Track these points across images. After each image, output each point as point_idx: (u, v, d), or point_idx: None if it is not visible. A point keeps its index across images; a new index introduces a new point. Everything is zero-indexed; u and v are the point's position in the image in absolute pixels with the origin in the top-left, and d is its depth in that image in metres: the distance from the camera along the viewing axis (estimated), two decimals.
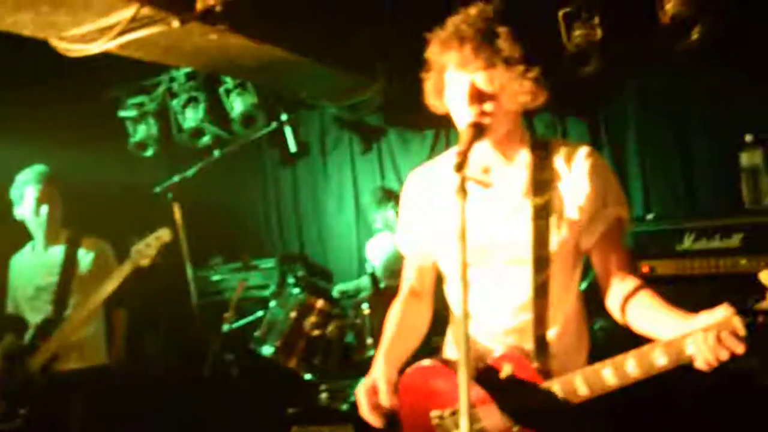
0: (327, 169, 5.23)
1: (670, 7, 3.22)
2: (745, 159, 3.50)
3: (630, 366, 1.61)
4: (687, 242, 3.34)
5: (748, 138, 3.49)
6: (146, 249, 3.24)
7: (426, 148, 4.77)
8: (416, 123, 4.59)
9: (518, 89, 1.74)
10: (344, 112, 4.72)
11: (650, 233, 3.49)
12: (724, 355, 1.46)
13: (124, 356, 3.59)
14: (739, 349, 1.45)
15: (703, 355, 1.48)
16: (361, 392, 1.88)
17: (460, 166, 1.57)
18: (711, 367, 1.49)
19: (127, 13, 2.54)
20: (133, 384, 3.79)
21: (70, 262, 3.42)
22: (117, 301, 3.41)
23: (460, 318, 1.50)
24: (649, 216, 3.72)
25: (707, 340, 1.47)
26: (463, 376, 1.43)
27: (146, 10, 2.54)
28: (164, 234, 3.29)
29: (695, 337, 1.50)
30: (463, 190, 1.54)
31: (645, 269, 3.44)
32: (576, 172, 1.83)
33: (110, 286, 3.24)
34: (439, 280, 2.10)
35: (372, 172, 5.04)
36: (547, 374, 1.80)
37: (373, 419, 1.85)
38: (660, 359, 1.56)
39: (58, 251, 3.47)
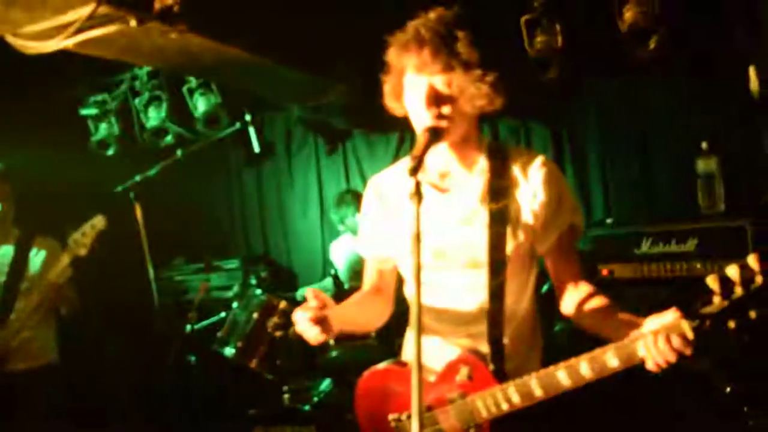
0: (292, 170, 5.22)
1: (628, 16, 3.28)
2: (701, 166, 3.58)
3: (583, 368, 1.64)
4: (645, 246, 3.41)
5: (704, 145, 3.57)
6: (82, 238, 3.23)
7: (391, 150, 4.79)
8: (381, 125, 4.60)
9: (475, 93, 1.75)
10: (309, 114, 4.70)
11: (610, 237, 3.56)
12: (673, 357, 1.50)
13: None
14: (687, 351, 1.49)
15: (653, 357, 1.53)
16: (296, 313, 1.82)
17: (414, 170, 1.58)
18: (660, 369, 1.54)
19: (85, 11, 2.50)
20: (90, 384, 3.73)
21: (20, 262, 3.37)
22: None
23: (415, 319, 1.51)
24: (609, 221, 3.79)
25: (657, 342, 1.51)
26: (415, 378, 1.45)
27: (104, 9, 2.51)
28: (99, 222, 3.28)
29: (646, 339, 1.54)
30: (417, 194, 1.55)
31: (604, 272, 3.50)
32: (531, 180, 1.86)
33: (50, 277, 3.22)
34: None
35: (337, 174, 5.05)
36: (503, 376, 1.82)
37: (308, 326, 1.78)
38: (612, 361, 1.60)
39: (8, 251, 3.41)
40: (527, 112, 4.30)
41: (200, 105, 4.59)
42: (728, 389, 3.09)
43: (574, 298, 1.86)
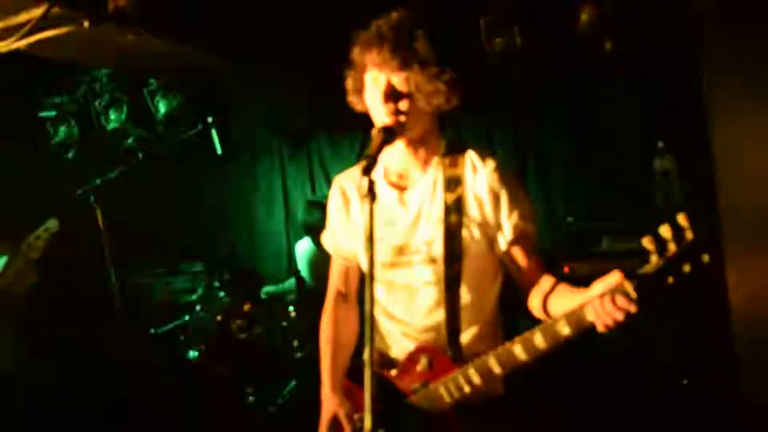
0: (256, 170, 5.20)
1: (584, 18, 3.34)
2: (657, 164, 3.65)
3: (538, 339, 1.70)
4: (604, 244, 3.47)
5: (660, 144, 3.64)
6: (35, 242, 3.24)
7: (356, 150, 4.79)
8: (344, 123, 4.59)
9: (432, 90, 1.79)
10: (272, 113, 4.70)
11: (570, 235, 3.62)
12: (620, 316, 1.56)
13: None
14: (632, 308, 1.55)
15: (601, 318, 1.58)
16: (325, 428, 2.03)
17: (367, 170, 1.61)
18: (609, 329, 1.59)
19: (37, 12, 2.48)
20: (47, 391, 3.67)
21: None
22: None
23: (367, 316, 1.53)
24: (569, 219, 3.84)
25: (604, 304, 1.57)
26: (368, 374, 1.49)
27: (57, 10, 2.48)
28: (52, 225, 3.29)
29: (593, 303, 1.59)
30: (370, 192, 1.58)
31: (565, 270, 3.56)
32: (484, 178, 1.89)
33: (6, 283, 3.21)
34: None
35: (302, 174, 5.04)
36: (462, 362, 1.86)
37: None
38: (564, 329, 1.66)
39: None
40: (489, 113, 4.33)
41: (161, 107, 4.55)
42: (685, 381, 3.18)
43: (538, 292, 1.89)
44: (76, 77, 4.66)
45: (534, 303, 1.90)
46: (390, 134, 1.79)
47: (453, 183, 1.90)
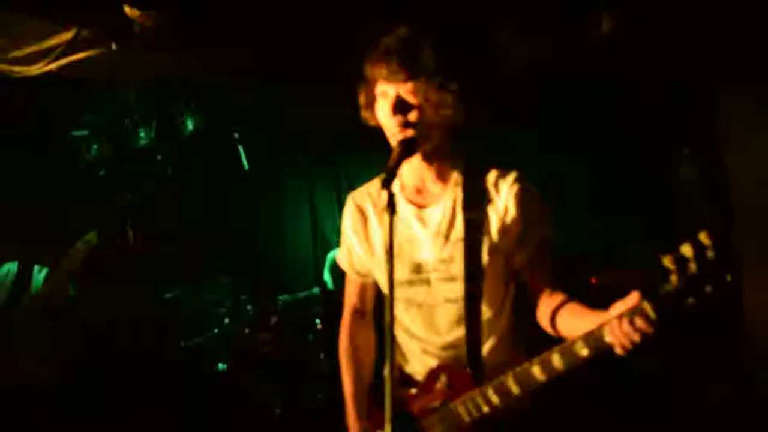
0: (283, 185, 5.26)
1: (607, 23, 3.33)
2: (682, 171, 3.62)
3: (556, 360, 1.69)
4: (630, 252, 3.44)
5: (686, 151, 3.61)
6: (76, 254, 3.33)
7: (382, 164, 4.80)
8: (371, 138, 4.62)
9: (439, 101, 1.82)
10: (299, 129, 4.76)
11: (595, 244, 3.60)
12: (637, 338, 1.54)
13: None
14: (650, 330, 1.53)
15: (619, 340, 1.57)
16: None
17: (387, 183, 1.64)
18: (627, 352, 1.58)
19: (66, 36, 2.57)
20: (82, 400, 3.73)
21: (22, 278, 3.42)
22: None
23: (387, 332, 1.56)
24: (594, 228, 3.82)
25: (622, 326, 1.55)
26: (388, 391, 1.52)
27: (85, 33, 2.57)
28: (92, 238, 3.37)
29: (611, 324, 1.58)
30: (390, 206, 1.60)
31: (593, 281, 3.53)
32: (505, 196, 1.90)
33: (49, 294, 3.32)
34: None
35: (328, 188, 5.07)
36: (482, 381, 1.86)
37: None
38: (583, 350, 1.64)
39: (12, 267, 3.46)
40: (511, 121, 4.32)
41: (189, 123, 4.64)
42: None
43: (549, 306, 1.89)
44: (106, 96, 4.77)
45: (544, 316, 1.90)
46: (409, 147, 1.82)
47: (473, 201, 1.92)
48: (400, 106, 1.82)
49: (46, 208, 4.19)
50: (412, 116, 1.83)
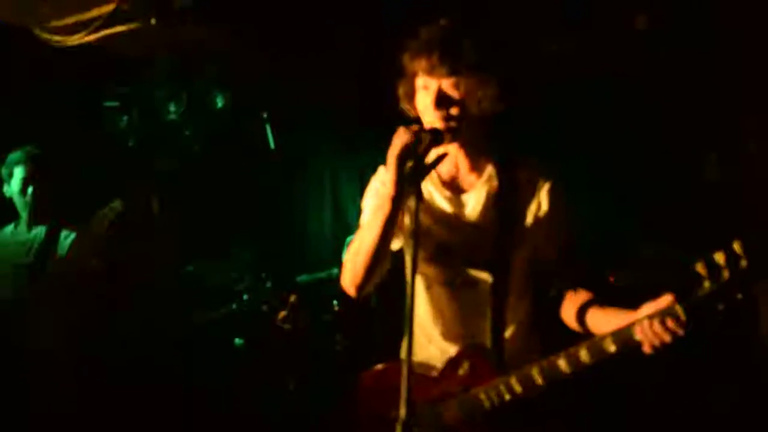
0: (307, 165, 5.28)
1: (641, 20, 3.33)
2: (708, 173, 3.60)
3: (583, 354, 1.73)
4: (647, 253, 3.44)
5: (712, 155, 3.59)
6: (101, 220, 3.33)
7: None
8: (394, 122, 4.63)
9: (482, 95, 1.85)
10: (323, 110, 4.77)
11: (614, 244, 3.59)
12: (668, 338, 1.60)
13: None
14: (680, 332, 1.59)
15: (649, 339, 1.62)
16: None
17: (414, 169, 1.68)
18: (655, 351, 1.63)
19: (107, 8, 2.61)
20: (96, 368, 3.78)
21: (49, 243, 3.48)
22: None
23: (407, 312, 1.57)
24: (616, 228, 3.81)
25: (653, 326, 1.60)
26: (405, 372, 1.52)
27: (125, 6, 2.61)
28: (117, 205, 3.37)
29: (642, 324, 1.63)
30: (417, 192, 1.64)
31: (611, 279, 3.53)
32: (537, 190, 1.95)
33: (75, 259, 3.36)
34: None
35: (351, 170, 5.07)
36: (504, 369, 1.89)
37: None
38: (611, 347, 1.69)
39: (40, 231, 3.52)
40: (542, 115, 4.29)
41: (218, 101, 4.67)
42: None
43: (574, 303, 1.93)
44: (139, 69, 4.82)
45: (569, 313, 1.94)
46: (438, 136, 1.84)
47: (507, 193, 1.95)
48: (443, 100, 1.85)
49: (74, 176, 4.26)
50: (454, 110, 1.86)
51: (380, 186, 2.07)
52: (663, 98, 3.91)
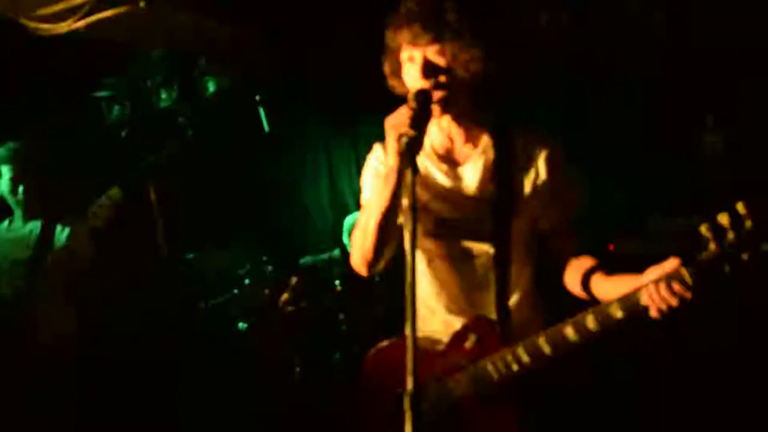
0: (302, 148, 5.26)
1: None
2: (706, 141, 3.58)
3: (590, 321, 1.72)
4: (651, 224, 3.43)
5: (710, 120, 3.56)
6: (100, 210, 3.30)
7: None
8: (389, 102, 4.61)
9: (468, 58, 1.83)
10: (318, 92, 4.74)
11: (616, 214, 3.59)
12: (675, 302, 1.59)
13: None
14: (688, 295, 1.58)
15: (656, 303, 1.61)
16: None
17: (410, 142, 1.66)
18: (663, 315, 1.62)
19: None
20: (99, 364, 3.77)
21: (46, 237, 3.45)
22: None
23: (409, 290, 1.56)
24: (616, 199, 3.80)
25: (659, 289, 1.60)
26: (410, 346, 1.49)
27: None
28: (115, 193, 3.35)
29: (648, 288, 1.62)
30: (412, 163, 1.61)
31: (611, 247, 3.53)
32: (534, 159, 1.94)
33: (72, 252, 3.33)
34: None
35: (346, 151, 5.07)
36: (511, 340, 1.88)
37: None
38: (618, 312, 1.68)
39: (36, 226, 3.49)
40: (535, 88, 4.28)
41: (210, 86, 4.64)
42: None
43: (577, 269, 1.92)
44: (128, 58, 4.77)
45: (572, 279, 1.93)
46: (426, 98, 1.79)
47: (504, 163, 1.94)
48: (430, 69, 1.83)
49: (66, 168, 4.23)
50: (443, 78, 1.83)
51: (377, 163, 2.07)
52: (662, 68, 3.89)
